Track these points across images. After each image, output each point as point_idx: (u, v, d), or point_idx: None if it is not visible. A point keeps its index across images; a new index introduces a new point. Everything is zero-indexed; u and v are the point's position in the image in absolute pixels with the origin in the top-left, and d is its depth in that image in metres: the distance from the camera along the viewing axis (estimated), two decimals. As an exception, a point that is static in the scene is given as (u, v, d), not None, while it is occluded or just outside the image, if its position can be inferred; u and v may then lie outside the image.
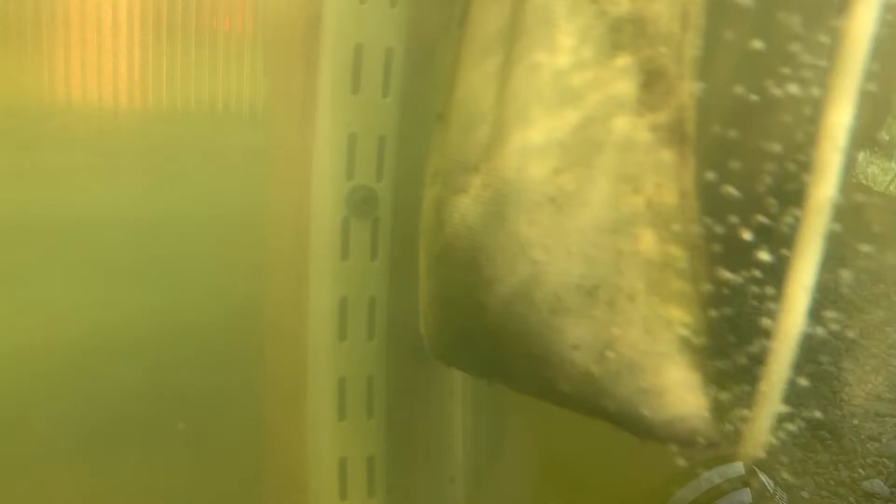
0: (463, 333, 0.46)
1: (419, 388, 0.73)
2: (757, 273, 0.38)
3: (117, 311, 0.71)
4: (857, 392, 0.68)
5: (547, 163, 0.41)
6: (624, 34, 0.39)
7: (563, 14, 0.40)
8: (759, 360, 0.37)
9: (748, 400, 0.37)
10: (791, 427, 0.38)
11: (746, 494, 0.57)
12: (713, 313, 0.40)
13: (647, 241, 0.40)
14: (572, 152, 0.41)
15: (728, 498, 0.56)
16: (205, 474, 0.76)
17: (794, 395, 0.37)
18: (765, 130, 0.39)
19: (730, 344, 0.40)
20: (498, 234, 0.42)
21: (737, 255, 0.39)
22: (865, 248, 0.51)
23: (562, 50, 0.41)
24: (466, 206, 0.43)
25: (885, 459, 0.66)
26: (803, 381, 0.37)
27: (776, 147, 0.40)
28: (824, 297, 0.39)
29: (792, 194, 0.36)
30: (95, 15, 0.65)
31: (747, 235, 0.39)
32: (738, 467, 0.58)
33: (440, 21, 0.69)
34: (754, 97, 0.40)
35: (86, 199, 0.67)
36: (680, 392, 0.39)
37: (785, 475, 0.65)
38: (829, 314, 0.42)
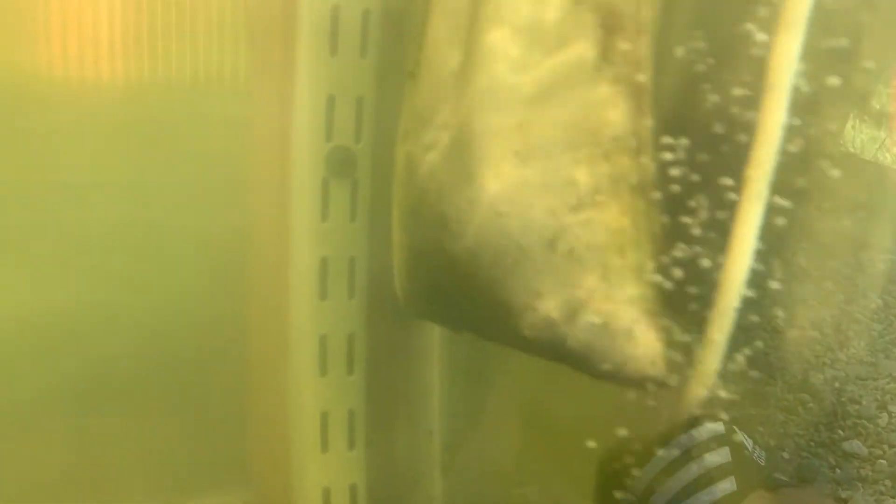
0: (433, 285, 0.48)
1: (398, 344, 0.75)
2: (707, 221, 0.40)
3: (101, 279, 0.72)
4: (839, 357, 0.70)
5: (511, 117, 0.43)
6: (585, -9, 0.41)
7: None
8: (708, 303, 0.39)
9: (698, 341, 0.40)
10: (736, 364, 0.40)
11: (726, 453, 0.59)
12: (666, 259, 0.42)
13: (605, 191, 0.42)
14: (534, 106, 0.42)
15: (710, 455, 0.58)
16: (190, 430, 0.78)
17: (740, 334, 0.39)
18: (715, 84, 0.41)
19: (682, 289, 0.42)
20: (465, 188, 0.44)
21: (688, 202, 0.41)
22: (835, 209, 0.53)
23: (524, 7, 0.42)
24: (435, 162, 0.45)
25: (864, 421, 0.67)
26: (750, 319, 0.39)
27: (727, 98, 0.41)
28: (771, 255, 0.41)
29: (741, 147, 0.38)
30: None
31: (698, 184, 0.41)
32: (718, 427, 0.61)
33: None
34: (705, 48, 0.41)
35: (69, 169, 0.68)
36: (633, 333, 0.41)
37: (765, 437, 0.68)
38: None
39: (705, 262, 0.41)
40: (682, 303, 0.42)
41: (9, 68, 0.64)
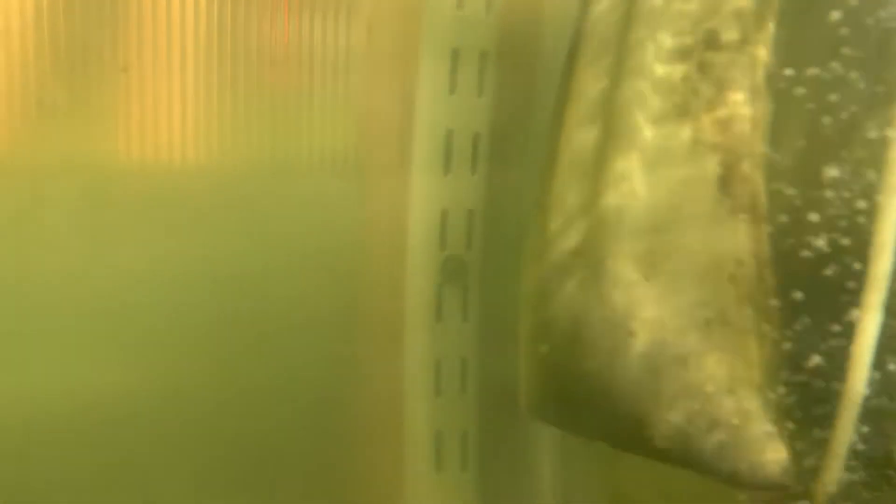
0: (565, 398, 0.52)
1: (510, 441, 0.79)
2: (828, 335, 0.44)
3: (215, 364, 0.71)
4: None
5: (640, 244, 0.48)
6: (706, 133, 0.46)
7: (650, 118, 0.47)
8: (831, 413, 0.42)
9: (822, 447, 0.42)
10: (859, 472, 0.43)
11: None
12: (790, 371, 0.45)
13: (731, 312, 0.46)
14: (661, 236, 0.47)
15: None
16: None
17: (862, 441, 0.42)
18: (825, 202, 0.45)
19: (804, 399, 0.45)
20: (598, 310, 0.48)
21: (809, 319, 0.44)
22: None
23: (648, 150, 0.47)
24: (568, 287, 0.50)
25: None
26: (868, 429, 0.42)
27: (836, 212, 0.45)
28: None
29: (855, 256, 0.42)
30: (179, 77, 0.65)
31: (817, 299, 0.44)
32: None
33: (522, 107, 0.77)
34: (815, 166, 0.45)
35: (177, 256, 0.68)
36: (761, 443, 0.44)
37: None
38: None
39: (826, 372, 0.44)
40: (806, 411, 0.45)
41: (104, 154, 0.63)
